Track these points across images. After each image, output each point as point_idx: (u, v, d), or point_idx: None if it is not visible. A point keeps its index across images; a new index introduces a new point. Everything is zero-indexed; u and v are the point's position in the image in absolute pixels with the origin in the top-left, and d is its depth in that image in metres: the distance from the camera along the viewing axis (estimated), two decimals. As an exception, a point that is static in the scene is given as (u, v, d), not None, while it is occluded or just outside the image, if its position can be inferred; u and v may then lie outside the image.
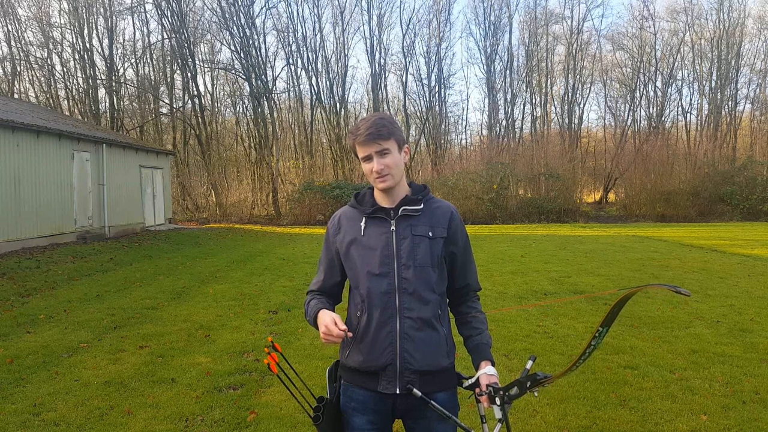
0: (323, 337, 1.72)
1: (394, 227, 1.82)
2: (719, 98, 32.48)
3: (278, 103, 32.43)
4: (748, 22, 32.58)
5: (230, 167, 32.15)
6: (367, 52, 34.32)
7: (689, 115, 34.43)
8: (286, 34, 31.44)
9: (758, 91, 33.10)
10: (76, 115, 28.97)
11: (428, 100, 34.55)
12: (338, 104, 32.47)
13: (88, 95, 29.81)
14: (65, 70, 30.17)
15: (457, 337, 1.91)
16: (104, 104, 30.21)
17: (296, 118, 33.44)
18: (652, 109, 34.06)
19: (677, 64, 33.40)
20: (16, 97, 27.88)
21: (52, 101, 29.70)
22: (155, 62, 31.45)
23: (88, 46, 29.14)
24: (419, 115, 35.42)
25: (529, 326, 6.08)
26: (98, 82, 29.81)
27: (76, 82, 30.43)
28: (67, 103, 30.29)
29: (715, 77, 32.74)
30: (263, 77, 29.64)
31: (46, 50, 29.83)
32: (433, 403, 1.74)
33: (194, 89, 29.97)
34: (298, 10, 48.03)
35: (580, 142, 34.09)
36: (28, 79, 30.84)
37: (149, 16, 39.60)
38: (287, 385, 1.79)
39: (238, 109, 33.95)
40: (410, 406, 1.79)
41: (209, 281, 9.41)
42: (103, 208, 16.88)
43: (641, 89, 34.04)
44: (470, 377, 1.83)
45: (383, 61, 33.49)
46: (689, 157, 26.28)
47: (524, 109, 35.41)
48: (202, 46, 31.80)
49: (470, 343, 1.88)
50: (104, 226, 16.84)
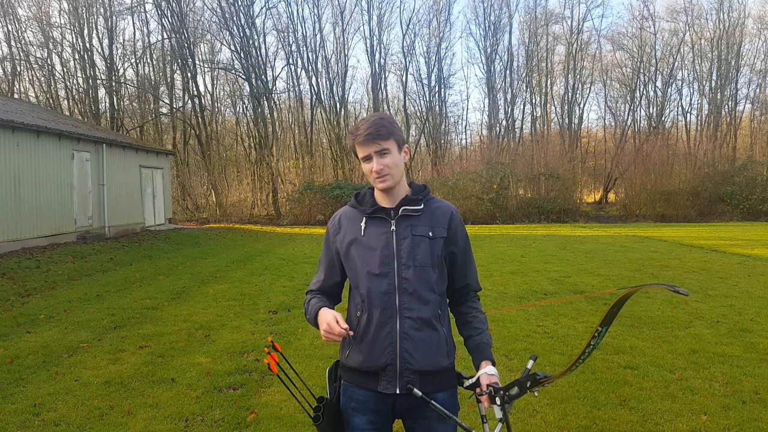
0: (324, 335, 1.72)
1: (394, 227, 1.82)
2: (719, 98, 32.48)
3: (278, 103, 32.46)
4: (748, 22, 32.64)
5: (230, 167, 32.15)
6: (367, 52, 34.36)
7: (689, 115, 34.51)
8: (286, 34, 31.50)
9: (758, 91, 33.16)
10: (76, 115, 28.97)
11: (428, 100, 34.58)
12: (338, 104, 32.51)
13: (88, 95, 29.82)
14: (65, 70, 30.21)
15: (457, 337, 1.91)
16: (104, 104, 30.27)
17: (296, 118, 33.45)
18: (652, 109, 34.10)
19: (677, 64, 33.45)
20: (16, 97, 27.88)
21: (52, 101, 29.70)
22: (155, 62, 31.48)
23: (88, 46, 29.16)
24: (419, 115, 35.44)
25: (529, 326, 6.08)
26: (98, 82, 29.82)
27: (76, 82, 30.47)
28: (67, 103, 30.30)
29: (715, 77, 32.77)
30: (263, 77, 29.65)
31: (46, 50, 29.88)
32: (433, 403, 1.74)
33: (194, 89, 30.01)
34: (298, 10, 48.13)
35: (580, 142, 34.08)
36: (28, 79, 30.90)
37: (149, 16, 39.69)
38: (287, 385, 1.79)
39: (238, 109, 34.03)
40: (410, 406, 1.79)
41: (209, 281, 9.41)
42: (103, 208, 16.88)
43: (641, 89, 34.07)
44: (471, 377, 1.83)
45: (383, 61, 33.55)
46: (689, 157, 26.28)
47: (524, 109, 35.47)
48: (202, 46, 31.87)
49: (470, 343, 1.88)
50: (104, 226, 16.84)
